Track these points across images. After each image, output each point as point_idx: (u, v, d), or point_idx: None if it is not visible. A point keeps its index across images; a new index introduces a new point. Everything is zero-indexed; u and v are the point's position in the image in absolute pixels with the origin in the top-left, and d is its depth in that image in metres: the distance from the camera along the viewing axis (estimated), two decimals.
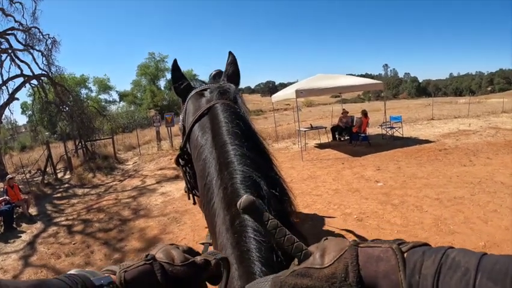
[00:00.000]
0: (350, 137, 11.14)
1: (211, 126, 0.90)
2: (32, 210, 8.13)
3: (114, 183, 9.87)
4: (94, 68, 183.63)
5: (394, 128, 11.60)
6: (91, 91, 39.22)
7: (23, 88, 14.39)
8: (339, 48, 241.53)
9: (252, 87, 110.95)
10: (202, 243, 1.64)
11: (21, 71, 13.71)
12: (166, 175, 9.42)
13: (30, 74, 13.77)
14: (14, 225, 7.12)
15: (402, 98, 52.58)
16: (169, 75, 44.52)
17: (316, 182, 7.11)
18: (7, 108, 13.61)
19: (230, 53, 1.21)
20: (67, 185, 10.10)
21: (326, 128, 11.58)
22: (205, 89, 1.05)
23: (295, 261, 0.49)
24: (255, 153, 0.82)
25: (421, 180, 6.42)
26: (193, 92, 1.08)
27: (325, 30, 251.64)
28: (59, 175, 11.89)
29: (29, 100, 25.22)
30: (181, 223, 5.75)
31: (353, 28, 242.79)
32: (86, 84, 37.55)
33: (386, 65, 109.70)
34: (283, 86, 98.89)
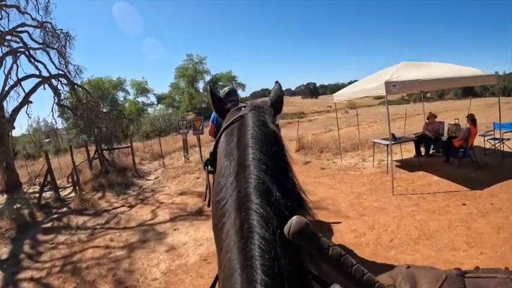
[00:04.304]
0: (447, 153, 7.74)
1: (238, 130, 0.90)
2: (4, 251, 5.93)
3: (122, 209, 7.46)
4: (133, 71, 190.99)
5: (503, 140, 8.13)
6: (128, 94, 38.74)
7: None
8: (379, 48, 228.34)
9: (293, 89, 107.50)
10: None
11: (40, 72, 12.15)
12: (186, 206, 6.75)
13: (47, 75, 12.16)
14: None
15: (448, 99, 48.25)
16: (207, 77, 43.09)
17: (438, 249, 3.83)
18: (25, 112, 12.19)
19: (276, 82, 1.27)
20: (65, 209, 7.89)
21: (415, 139, 8.12)
22: (243, 106, 1.06)
23: None
24: (273, 159, 0.77)
25: None
26: (232, 109, 1.11)
27: (366, 30, 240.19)
28: (68, 191, 9.88)
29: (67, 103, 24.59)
30: None
31: (396, 27, 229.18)
32: (123, 86, 36.99)
33: None
34: (324, 87, 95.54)
